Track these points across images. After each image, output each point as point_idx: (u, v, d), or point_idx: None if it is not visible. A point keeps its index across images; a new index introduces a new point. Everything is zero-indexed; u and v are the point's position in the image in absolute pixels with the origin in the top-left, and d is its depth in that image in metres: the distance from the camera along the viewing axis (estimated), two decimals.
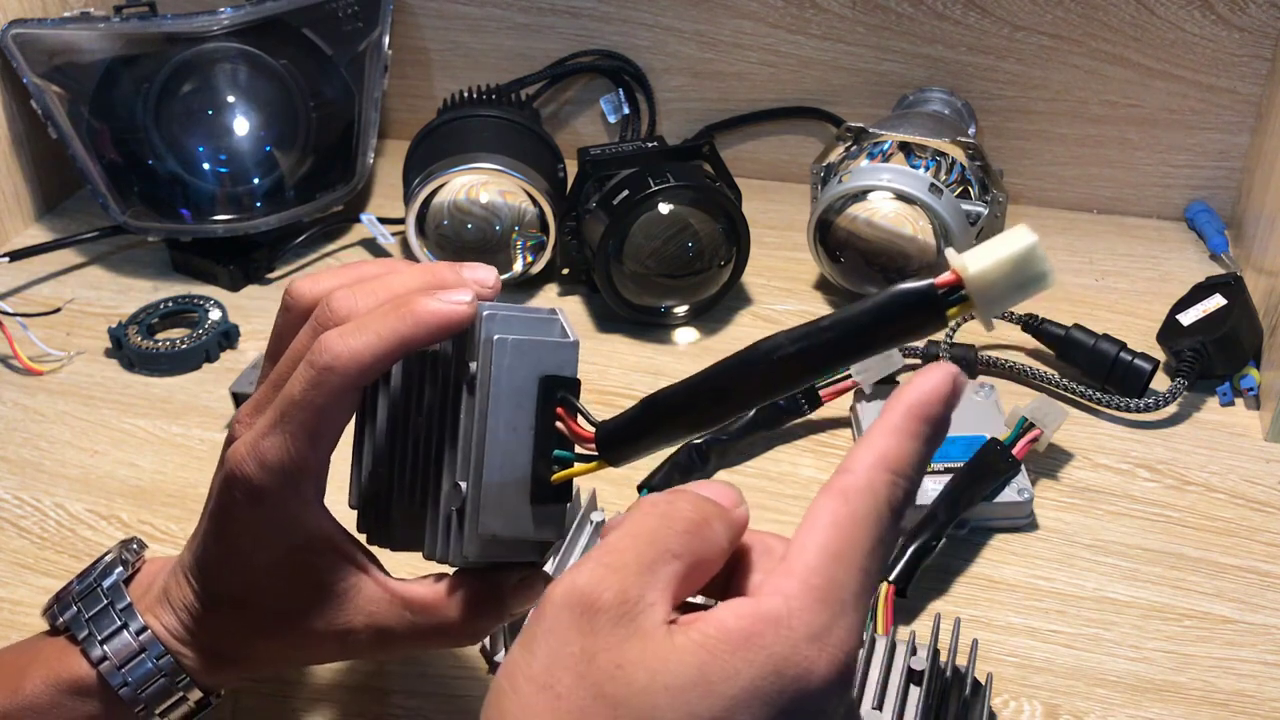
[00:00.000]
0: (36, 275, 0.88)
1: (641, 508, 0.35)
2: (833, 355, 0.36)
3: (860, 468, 0.34)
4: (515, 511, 0.42)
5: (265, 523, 0.43)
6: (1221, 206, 0.92)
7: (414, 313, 0.41)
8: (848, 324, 0.35)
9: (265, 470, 0.42)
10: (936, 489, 0.63)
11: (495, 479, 0.42)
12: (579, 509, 0.62)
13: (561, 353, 0.43)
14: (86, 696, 0.45)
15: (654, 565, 0.33)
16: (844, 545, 0.33)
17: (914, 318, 0.34)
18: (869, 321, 0.35)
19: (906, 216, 0.83)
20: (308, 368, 0.41)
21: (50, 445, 0.72)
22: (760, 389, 0.37)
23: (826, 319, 0.36)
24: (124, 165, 0.88)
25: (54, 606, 0.47)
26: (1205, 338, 0.74)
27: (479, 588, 0.44)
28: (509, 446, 0.42)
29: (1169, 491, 0.68)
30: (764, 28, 0.94)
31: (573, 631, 0.31)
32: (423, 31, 1.00)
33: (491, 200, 0.86)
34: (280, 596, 0.44)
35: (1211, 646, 0.58)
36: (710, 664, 0.30)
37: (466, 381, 0.43)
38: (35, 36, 0.86)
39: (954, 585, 0.62)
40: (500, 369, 0.42)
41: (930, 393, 0.34)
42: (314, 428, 0.42)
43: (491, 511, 0.42)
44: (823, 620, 0.31)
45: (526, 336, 0.42)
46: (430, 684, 0.56)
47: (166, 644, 0.45)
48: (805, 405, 0.70)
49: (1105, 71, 0.90)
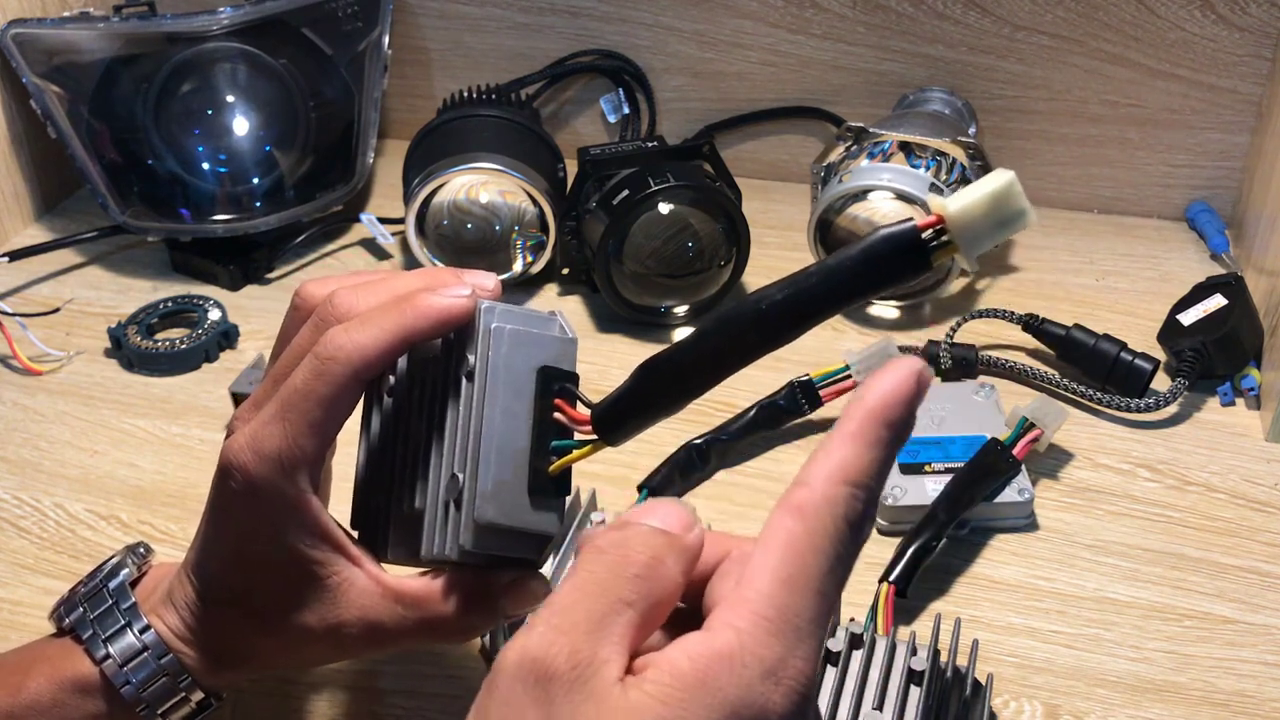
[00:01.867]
0: (36, 275, 0.88)
1: (588, 554, 0.34)
2: (820, 302, 0.36)
3: (817, 480, 0.32)
4: (513, 500, 0.42)
5: (260, 512, 0.43)
6: (1222, 206, 0.92)
7: (415, 306, 0.42)
8: (833, 270, 0.35)
9: (262, 460, 0.42)
10: (937, 489, 0.63)
11: (493, 466, 0.41)
12: (579, 509, 0.61)
13: (560, 347, 0.43)
14: (89, 695, 0.45)
15: (605, 620, 0.32)
16: (798, 570, 0.32)
17: (899, 261, 0.34)
18: (854, 266, 0.35)
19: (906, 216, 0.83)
20: (311, 359, 0.42)
21: (50, 445, 0.72)
22: (752, 342, 0.37)
23: (813, 267, 0.36)
24: (124, 165, 0.88)
25: (60, 608, 0.47)
26: (1206, 338, 0.74)
27: (472, 585, 0.44)
28: (507, 434, 0.42)
29: (1170, 492, 0.68)
30: (764, 27, 0.94)
31: (526, 702, 0.31)
32: (423, 31, 1.00)
33: (491, 200, 0.86)
34: (275, 590, 0.44)
35: (1212, 647, 0.58)
36: (667, 716, 0.30)
37: (465, 373, 0.43)
38: (35, 36, 0.86)
39: (954, 585, 0.62)
40: (498, 356, 0.42)
41: (891, 394, 0.33)
42: (314, 417, 0.42)
43: (489, 498, 0.41)
44: (777, 653, 0.31)
45: (525, 328, 0.42)
46: (430, 684, 0.56)
47: (169, 644, 0.45)
48: (805, 405, 0.70)
49: (1106, 71, 0.90)
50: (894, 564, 0.59)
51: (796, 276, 0.36)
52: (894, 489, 0.64)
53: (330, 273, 0.89)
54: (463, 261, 0.85)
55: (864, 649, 0.53)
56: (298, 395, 0.42)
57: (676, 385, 0.39)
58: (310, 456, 0.42)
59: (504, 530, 0.42)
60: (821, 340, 0.81)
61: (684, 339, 0.39)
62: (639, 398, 0.40)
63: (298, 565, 0.43)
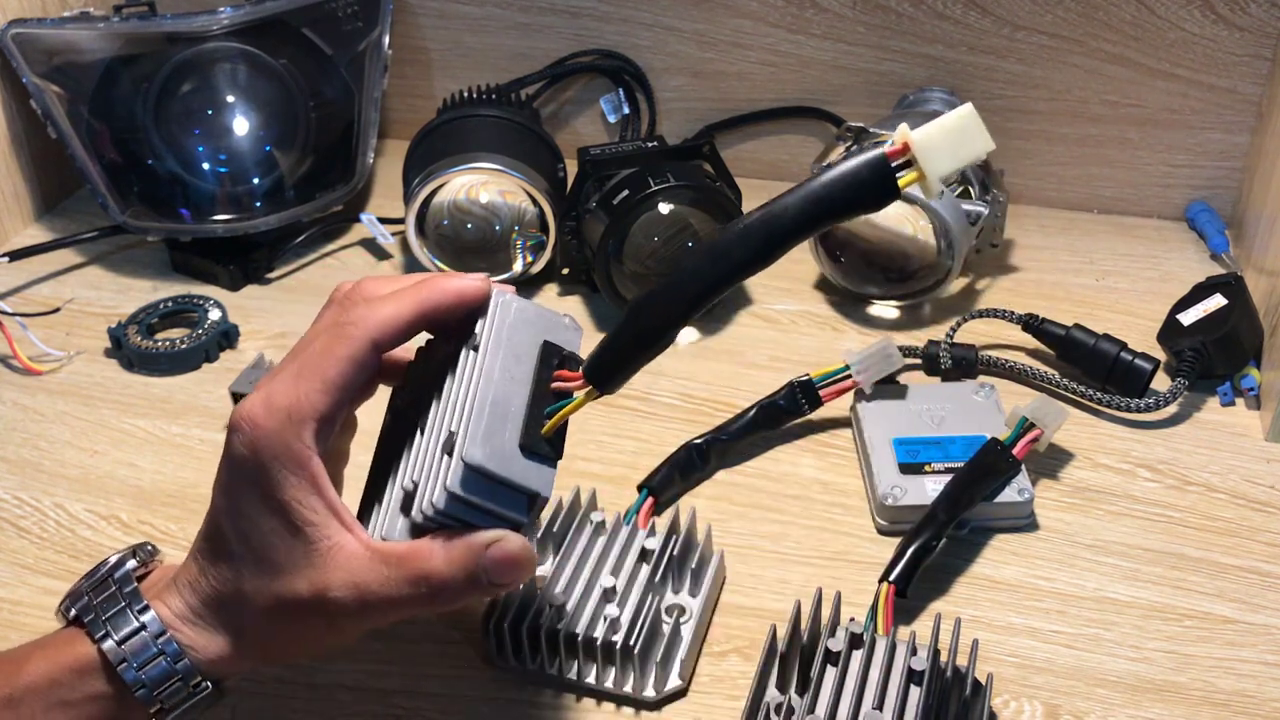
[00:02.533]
0: (36, 275, 0.88)
1: None
2: (794, 222, 0.39)
3: None
4: (504, 451, 0.42)
5: (263, 463, 0.43)
6: (1222, 206, 0.92)
7: (433, 284, 0.45)
8: (806, 191, 0.39)
9: (271, 412, 0.43)
10: (936, 489, 0.63)
11: (486, 417, 0.42)
12: (580, 509, 0.62)
13: (566, 331, 0.45)
14: (87, 676, 0.45)
15: None
16: None
17: (868, 184, 0.38)
18: (825, 189, 0.38)
19: (906, 216, 0.83)
20: (331, 327, 0.45)
21: (50, 445, 0.72)
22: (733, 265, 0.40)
23: (787, 191, 0.39)
24: (124, 165, 0.88)
25: (66, 600, 0.47)
26: (1206, 338, 0.74)
27: (456, 542, 0.44)
28: (504, 393, 0.42)
29: (1169, 491, 0.68)
30: (764, 27, 0.94)
31: None
32: (423, 31, 1.00)
33: (491, 200, 0.86)
34: (267, 549, 0.44)
35: (1212, 647, 0.58)
36: None
37: (471, 346, 0.44)
38: (35, 36, 0.86)
39: (954, 585, 0.62)
40: (504, 323, 0.43)
41: None
42: (327, 375, 0.43)
43: (478, 442, 0.41)
44: None
45: (534, 306, 0.44)
46: (430, 684, 0.56)
47: (169, 624, 0.45)
48: (805, 405, 0.70)
49: (1106, 71, 0.90)
50: (894, 564, 0.59)
51: (772, 200, 0.39)
52: (894, 489, 0.64)
53: (331, 273, 0.89)
54: (463, 261, 0.85)
55: (864, 649, 0.53)
56: (315, 357, 0.44)
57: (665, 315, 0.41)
58: (319, 412, 0.43)
59: (492, 479, 0.42)
60: (821, 340, 0.81)
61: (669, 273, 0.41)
62: (629, 336, 0.41)
63: (291, 524, 0.43)
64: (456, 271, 0.48)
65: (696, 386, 0.75)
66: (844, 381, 0.70)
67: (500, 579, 0.44)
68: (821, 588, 0.56)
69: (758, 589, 0.61)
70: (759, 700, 0.52)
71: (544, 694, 0.56)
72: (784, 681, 0.53)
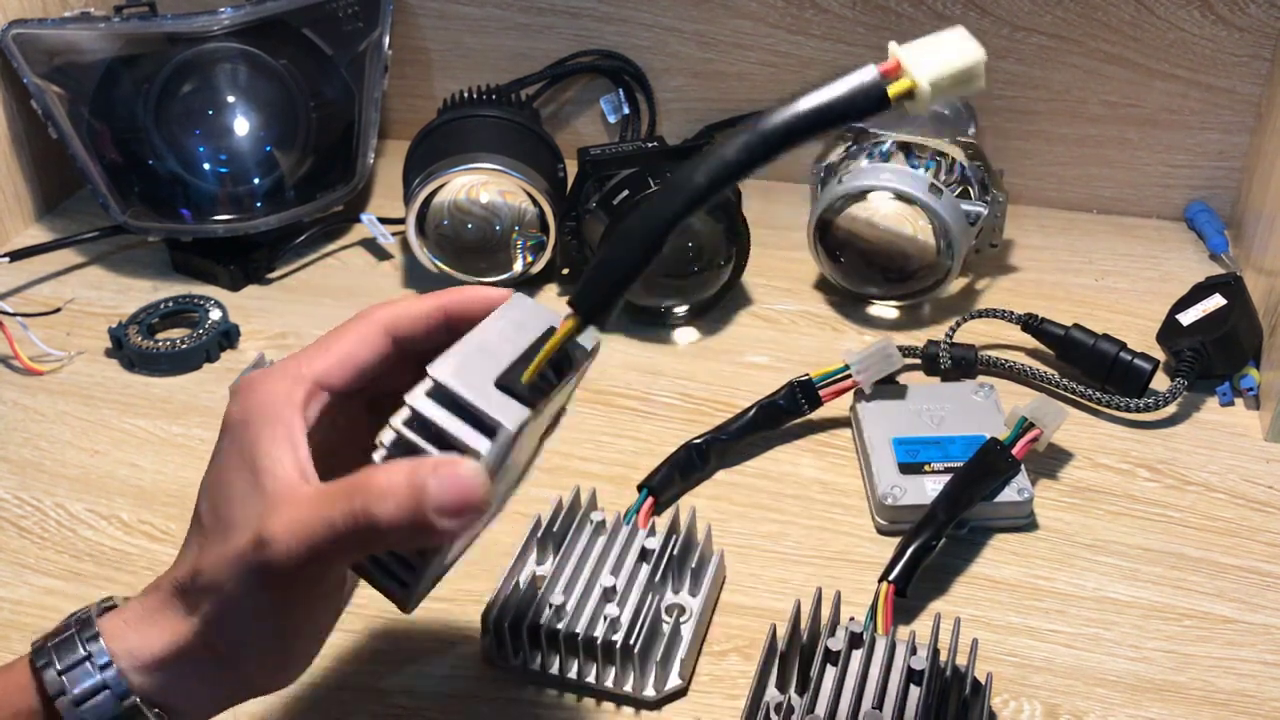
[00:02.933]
0: (36, 275, 0.88)
1: None
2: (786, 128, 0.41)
3: None
4: (476, 378, 0.40)
5: (248, 420, 0.42)
6: (1221, 206, 0.92)
7: (454, 288, 0.46)
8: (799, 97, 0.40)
9: (268, 374, 0.43)
10: (936, 489, 0.63)
11: (469, 351, 0.41)
12: (580, 508, 0.62)
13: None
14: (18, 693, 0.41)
15: None
16: None
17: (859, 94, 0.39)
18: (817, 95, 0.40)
19: (906, 216, 0.83)
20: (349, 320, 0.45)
21: (50, 445, 0.72)
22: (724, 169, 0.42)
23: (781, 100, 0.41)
24: (124, 165, 0.88)
25: None
26: (1205, 338, 0.74)
27: (401, 461, 0.40)
28: (496, 342, 0.42)
29: (1169, 491, 0.68)
30: (764, 28, 0.94)
31: None
32: (423, 31, 1.00)
33: (491, 200, 0.86)
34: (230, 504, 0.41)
35: (1212, 646, 0.58)
36: None
37: None
38: (35, 36, 0.86)
39: (954, 585, 0.62)
40: (513, 307, 0.43)
41: None
42: (333, 346, 0.44)
43: (450, 363, 0.40)
44: None
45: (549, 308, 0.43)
46: (430, 684, 0.56)
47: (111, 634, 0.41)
48: (805, 405, 0.70)
49: (1105, 71, 0.90)
50: (893, 563, 0.59)
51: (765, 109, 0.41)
52: (894, 489, 0.64)
53: (331, 273, 0.89)
54: (463, 261, 0.85)
55: (864, 648, 0.53)
56: (324, 337, 0.44)
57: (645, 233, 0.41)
58: (316, 372, 0.43)
59: (456, 401, 0.40)
60: (821, 340, 0.81)
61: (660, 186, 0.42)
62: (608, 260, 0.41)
63: (256, 480, 0.41)
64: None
65: (696, 386, 0.75)
66: (844, 381, 0.71)
67: (446, 503, 0.38)
68: (821, 587, 0.56)
69: (757, 588, 0.61)
70: (759, 700, 0.52)
71: (544, 694, 0.56)
72: (784, 681, 0.53)
